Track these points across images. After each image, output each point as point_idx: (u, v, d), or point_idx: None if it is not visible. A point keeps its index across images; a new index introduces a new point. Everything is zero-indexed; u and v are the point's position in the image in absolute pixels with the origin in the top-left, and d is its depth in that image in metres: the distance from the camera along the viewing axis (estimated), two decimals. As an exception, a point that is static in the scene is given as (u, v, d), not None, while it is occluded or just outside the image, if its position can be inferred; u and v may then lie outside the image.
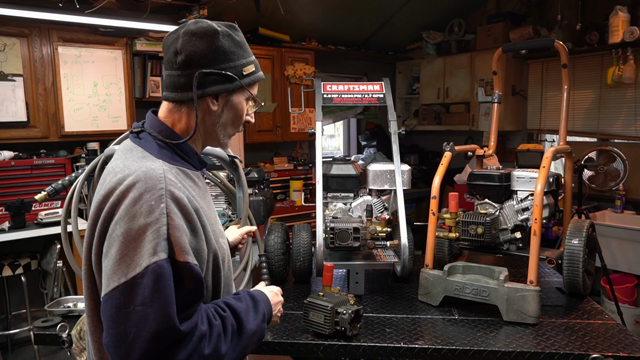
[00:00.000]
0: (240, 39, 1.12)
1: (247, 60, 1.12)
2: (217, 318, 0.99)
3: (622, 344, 1.56)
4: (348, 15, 5.02)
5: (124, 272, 0.87)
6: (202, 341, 0.92)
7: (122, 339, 0.85)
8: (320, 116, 2.21)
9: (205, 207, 1.07)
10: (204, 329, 0.93)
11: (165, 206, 0.92)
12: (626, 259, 3.84)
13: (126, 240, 0.89)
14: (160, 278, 0.87)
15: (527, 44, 2.49)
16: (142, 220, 0.90)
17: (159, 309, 0.86)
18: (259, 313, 1.09)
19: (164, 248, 0.89)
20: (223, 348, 0.96)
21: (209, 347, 0.92)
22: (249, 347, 1.05)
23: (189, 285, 0.91)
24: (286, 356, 1.68)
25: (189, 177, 1.07)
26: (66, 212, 1.93)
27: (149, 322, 0.85)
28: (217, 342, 0.95)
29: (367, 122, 6.11)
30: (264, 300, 1.14)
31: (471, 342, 1.58)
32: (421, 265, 1.99)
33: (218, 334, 0.96)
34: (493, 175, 2.11)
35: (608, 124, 4.52)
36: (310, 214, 4.65)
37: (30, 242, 3.33)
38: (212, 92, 1.07)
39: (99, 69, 3.71)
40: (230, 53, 1.09)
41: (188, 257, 0.92)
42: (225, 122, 1.13)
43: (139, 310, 0.85)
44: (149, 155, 1.03)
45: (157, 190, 0.93)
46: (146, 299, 0.86)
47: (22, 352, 3.67)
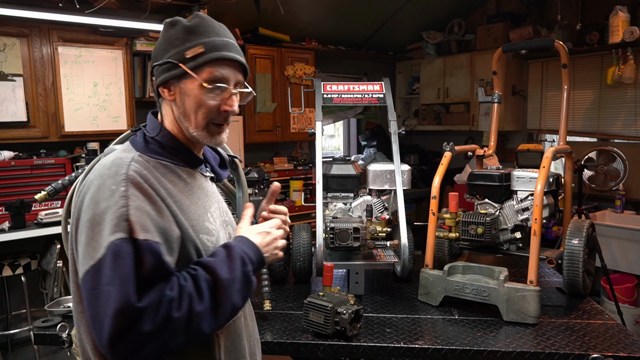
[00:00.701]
0: (193, 24, 1.08)
1: (194, 42, 1.06)
2: (187, 279, 0.96)
3: (622, 344, 1.56)
4: (348, 15, 5.02)
5: (92, 255, 0.91)
6: (170, 306, 0.91)
7: (95, 320, 0.88)
8: (320, 116, 2.21)
9: (187, 203, 1.06)
10: (171, 294, 0.92)
11: (125, 189, 0.95)
12: (626, 259, 3.84)
13: (92, 226, 0.94)
14: (117, 257, 0.89)
15: (527, 44, 2.49)
16: (103, 205, 0.94)
17: (118, 286, 0.87)
18: (234, 259, 1.02)
19: (123, 228, 0.91)
20: (198, 306, 0.94)
21: (179, 310, 0.92)
22: (234, 295, 1.00)
23: (149, 261, 0.92)
24: (286, 356, 1.68)
25: (171, 171, 1.08)
26: (66, 212, 1.93)
27: (111, 300, 0.87)
28: (189, 302, 0.93)
29: (367, 122, 6.11)
30: (244, 244, 1.07)
31: (471, 342, 1.58)
32: (421, 265, 1.99)
33: (189, 294, 0.94)
34: (493, 175, 2.11)
35: (608, 124, 4.52)
36: (310, 214, 4.65)
37: (30, 242, 3.32)
38: (160, 83, 1.09)
39: (99, 69, 3.71)
40: (175, 40, 1.08)
41: (147, 235, 0.92)
42: (186, 112, 1.08)
43: (104, 290, 0.88)
44: (130, 149, 1.07)
45: (118, 176, 0.97)
46: (109, 278, 0.88)
47: (22, 352, 3.67)
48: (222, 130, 1.13)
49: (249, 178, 2.32)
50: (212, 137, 1.11)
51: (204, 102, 1.07)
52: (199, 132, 1.10)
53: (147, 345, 0.89)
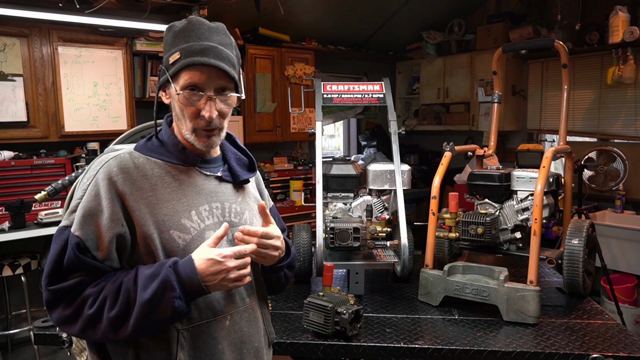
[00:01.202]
0: (179, 29, 1.09)
1: (176, 48, 1.08)
2: (115, 282, 1.03)
3: (622, 344, 1.56)
4: (348, 15, 5.02)
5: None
6: (86, 302, 1.01)
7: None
8: (320, 116, 2.21)
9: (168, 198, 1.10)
10: (89, 291, 1.02)
11: (88, 184, 1.08)
12: (626, 259, 3.84)
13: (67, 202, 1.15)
14: (55, 239, 1.05)
15: (527, 44, 2.49)
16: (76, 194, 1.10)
17: (46, 265, 1.05)
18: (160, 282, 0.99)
19: (70, 218, 1.06)
20: (110, 312, 1.00)
21: (92, 309, 1.00)
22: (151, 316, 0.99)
23: (68, 254, 1.02)
24: (286, 356, 1.68)
25: (160, 168, 1.13)
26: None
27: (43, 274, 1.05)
28: (102, 304, 1.01)
29: (367, 122, 6.11)
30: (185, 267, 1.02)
31: (471, 342, 1.58)
32: (421, 265, 1.99)
33: (104, 297, 1.01)
34: (493, 175, 2.11)
35: (608, 124, 4.52)
36: (310, 214, 4.65)
37: (30, 242, 3.32)
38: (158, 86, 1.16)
39: (99, 69, 3.71)
40: (166, 45, 1.13)
41: (78, 231, 1.03)
42: (177, 115, 1.13)
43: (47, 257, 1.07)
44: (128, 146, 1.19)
45: (92, 171, 1.10)
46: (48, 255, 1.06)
47: (22, 352, 3.67)
48: (212, 134, 1.12)
49: (249, 178, 2.32)
50: (200, 141, 1.12)
51: (184, 108, 1.09)
52: (189, 136, 1.12)
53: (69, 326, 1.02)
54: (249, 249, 1.08)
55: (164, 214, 1.07)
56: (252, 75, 4.53)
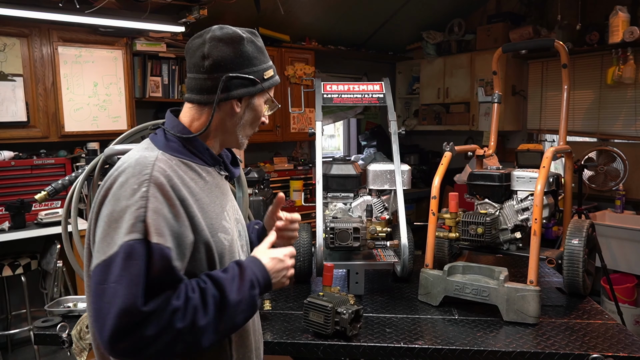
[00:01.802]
0: (261, 45, 1.17)
1: (267, 65, 1.17)
2: (195, 291, 0.98)
3: (622, 344, 1.56)
4: (348, 15, 5.02)
5: (104, 250, 0.94)
6: (175, 315, 0.93)
7: (98, 314, 0.91)
8: (320, 116, 2.21)
9: (207, 201, 1.09)
10: (177, 304, 0.94)
11: (146, 190, 0.97)
12: (626, 259, 3.84)
13: (109, 221, 0.96)
14: (129, 257, 0.91)
15: (527, 44, 2.49)
16: (123, 203, 0.96)
17: (126, 286, 0.89)
18: (245, 281, 1.04)
19: (139, 229, 0.93)
20: (202, 320, 0.96)
21: (183, 321, 0.94)
22: (238, 316, 1.03)
23: (158, 266, 0.93)
24: (286, 356, 1.68)
25: (192, 170, 1.10)
26: (66, 212, 1.93)
27: (117, 299, 0.89)
28: (193, 315, 0.95)
29: (367, 122, 6.11)
30: (256, 267, 1.09)
31: (471, 342, 1.58)
32: (421, 265, 1.99)
33: (194, 307, 0.96)
34: (493, 175, 2.11)
35: (608, 124, 4.52)
36: (310, 214, 4.65)
37: (30, 242, 3.32)
38: (237, 95, 1.12)
39: (99, 69, 3.71)
40: (254, 58, 1.14)
41: (160, 239, 0.94)
42: (245, 123, 1.18)
43: (111, 287, 0.90)
44: (152, 147, 1.09)
45: (142, 176, 0.99)
46: (117, 276, 0.90)
47: (22, 352, 3.67)
48: None
49: (249, 178, 2.32)
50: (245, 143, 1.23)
51: (260, 116, 1.20)
52: (244, 140, 1.21)
53: (146, 349, 0.91)
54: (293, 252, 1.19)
55: (210, 217, 1.09)
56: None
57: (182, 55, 4.15)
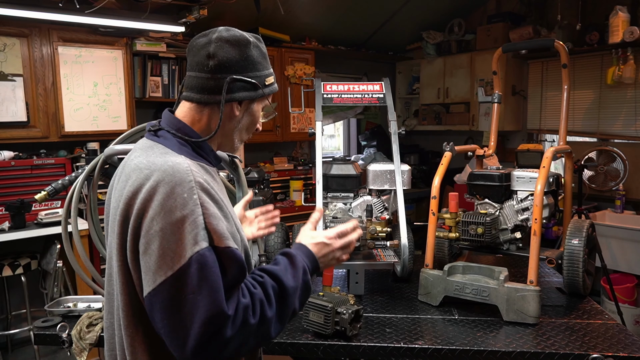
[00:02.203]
0: (265, 51, 1.18)
1: (269, 71, 1.18)
2: (256, 286, 1.01)
3: (622, 344, 1.56)
4: (348, 15, 5.02)
5: (169, 265, 0.91)
6: (247, 312, 0.95)
7: (178, 327, 0.90)
8: (320, 116, 2.21)
9: (226, 201, 1.11)
10: (245, 301, 0.96)
11: (197, 197, 0.96)
12: (626, 259, 3.84)
13: (166, 235, 0.92)
14: (204, 266, 0.91)
15: (527, 44, 2.49)
16: (178, 214, 0.93)
17: (207, 295, 0.90)
18: (297, 268, 1.08)
19: (204, 237, 0.93)
20: (269, 312, 0.99)
21: (254, 317, 0.96)
22: (296, 302, 1.06)
23: (232, 268, 0.95)
24: (286, 356, 1.68)
25: (207, 173, 1.10)
26: (66, 212, 1.93)
27: (200, 309, 0.89)
28: (261, 308, 0.98)
29: (367, 122, 6.11)
30: (304, 253, 1.13)
31: (471, 342, 1.58)
32: (421, 265, 1.99)
33: (260, 301, 0.98)
34: (493, 175, 2.11)
35: (608, 124, 4.52)
36: (310, 214, 4.62)
37: (30, 242, 3.32)
38: (239, 98, 1.11)
39: (99, 69, 3.71)
40: (258, 63, 1.14)
41: (228, 242, 0.96)
42: (242, 128, 1.18)
43: (190, 298, 0.90)
44: (170, 151, 1.05)
45: (187, 183, 0.96)
46: (195, 287, 0.90)
47: (22, 352, 3.67)
48: None
49: (249, 178, 2.32)
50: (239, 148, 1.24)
51: (256, 122, 1.20)
52: (238, 145, 1.21)
53: (225, 350, 0.92)
54: (350, 227, 1.21)
55: (234, 217, 1.11)
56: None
57: (183, 55, 4.15)
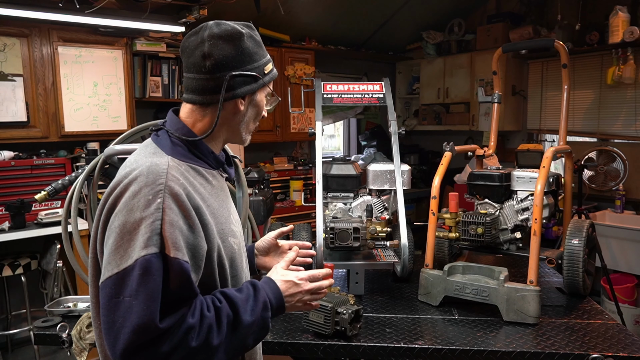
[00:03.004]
0: (259, 39, 1.15)
1: (267, 59, 1.15)
2: (210, 310, 0.97)
3: (622, 344, 1.56)
4: (348, 15, 5.02)
5: (117, 263, 0.90)
6: (190, 334, 0.91)
7: (111, 327, 0.88)
8: (320, 116, 2.21)
9: (216, 205, 1.08)
10: (192, 322, 0.92)
11: (161, 201, 0.93)
12: (626, 259, 3.84)
13: (122, 232, 0.92)
14: (147, 272, 0.88)
15: (527, 44, 2.49)
16: (137, 214, 0.92)
17: (143, 301, 0.87)
18: (258, 302, 1.03)
19: (156, 242, 0.90)
20: (215, 340, 0.94)
21: (197, 340, 0.92)
22: (249, 337, 1.02)
23: (176, 281, 0.91)
24: (286, 356, 1.68)
25: (200, 175, 1.08)
26: (66, 212, 1.93)
27: (132, 315, 0.87)
28: (207, 334, 0.94)
29: (367, 122, 6.11)
30: (270, 289, 1.07)
31: (471, 342, 1.58)
32: (421, 265, 1.99)
33: (209, 326, 0.94)
34: (493, 175, 2.11)
35: (608, 124, 4.52)
36: (310, 214, 4.65)
37: (30, 242, 3.32)
38: (241, 94, 1.09)
39: (99, 69, 3.71)
40: (254, 54, 1.11)
41: (178, 254, 0.92)
42: (248, 120, 1.16)
43: (126, 301, 0.88)
44: (159, 152, 1.04)
45: (156, 185, 0.95)
46: (133, 291, 0.88)
47: (22, 352, 3.67)
48: None
49: (249, 178, 2.33)
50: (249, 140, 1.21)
51: (262, 111, 1.18)
52: (247, 137, 1.19)
53: None
54: (321, 273, 1.14)
55: (221, 222, 1.07)
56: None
57: (182, 55, 4.15)
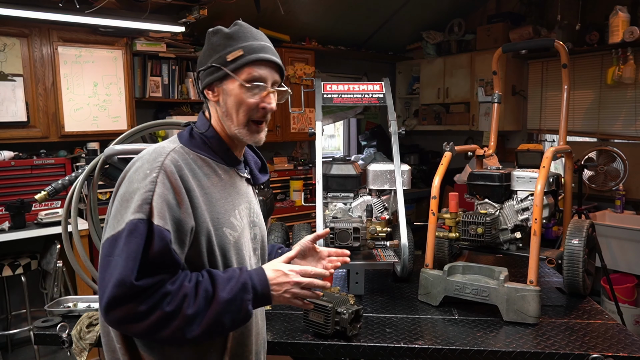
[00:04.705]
0: (233, 31, 1.17)
1: (232, 48, 1.15)
2: (191, 282, 1.03)
3: (622, 344, 1.56)
4: (348, 15, 5.02)
5: (114, 226, 1.02)
6: (166, 298, 0.99)
7: (101, 283, 0.98)
8: (320, 116, 2.21)
9: (217, 196, 1.15)
10: (170, 288, 1.00)
11: (156, 176, 1.05)
12: (626, 259, 3.84)
13: (121, 200, 1.05)
14: (131, 233, 0.98)
15: (527, 44, 2.49)
16: (135, 185, 1.05)
17: (125, 259, 0.97)
18: (238, 282, 1.06)
19: (144, 210, 1.01)
20: (188, 309, 1.00)
21: (171, 305, 0.99)
22: (225, 316, 1.04)
23: (156, 246, 0.99)
24: (286, 356, 1.68)
25: (208, 165, 1.17)
26: (66, 212, 1.93)
27: (116, 270, 0.96)
28: (181, 301, 1.00)
29: (367, 122, 6.11)
30: (257, 274, 1.11)
31: (471, 342, 1.58)
32: (421, 265, 1.99)
33: (184, 295, 1.01)
34: (493, 175, 2.11)
35: (608, 124, 4.52)
36: (310, 214, 4.65)
37: (30, 242, 3.32)
38: (205, 85, 1.18)
39: (99, 69, 3.71)
40: (218, 46, 1.17)
41: (161, 221, 1.00)
42: (228, 111, 1.17)
43: (114, 259, 0.98)
44: (175, 140, 1.17)
45: (155, 162, 1.07)
46: (120, 250, 0.98)
47: (22, 352, 3.67)
48: (261, 128, 1.21)
49: (249, 178, 2.32)
50: (251, 135, 1.19)
51: (244, 101, 1.15)
52: (240, 130, 1.17)
53: (136, 324, 0.97)
54: (314, 271, 1.15)
55: (217, 211, 1.13)
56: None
57: (183, 55, 4.16)
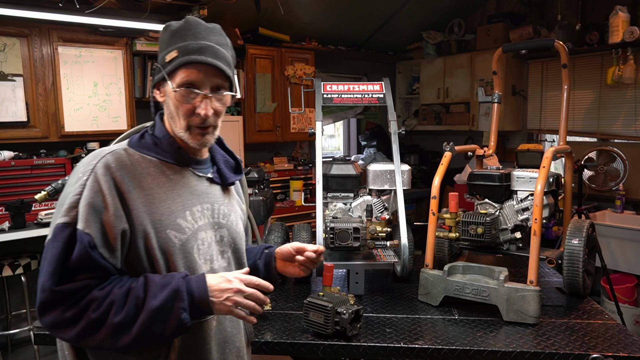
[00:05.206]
0: (177, 28, 1.12)
1: (172, 47, 1.09)
2: (122, 288, 1.00)
3: (622, 344, 1.56)
4: (348, 15, 5.02)
5: (50, 231, 1.03)
6: (91, 305, 0.97)
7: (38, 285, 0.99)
8: (320, 116, 2.21)
9: (162, 197, 1.09)
10: (96, 294, 0.98)
11: (86, 179, 1.03)
12: (626, 259, 3.84)
13: (57, 204, 1.06)
14: (55, 238, 1.00)
15: (527, 44, 2.48)
16: (68, 189, 1.05)
17: (47, 264, 0.98)
18: (171, 289, 1.00)
19: (71, 214, 1.00)
20: (116, 317, 0.97)
21: (97, 312, 0.97)
22: (156, 324, 0.99)
23: (77, 250, 0.98)
24: (286, 356, 1.68)
25: (155, 166, 1.12)
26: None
27: (41, 276, 0.99)
28: (108, 309, 0.98)
29: (367, 122, 6.10)
30: (196, 280, 1.03)
31: (471, 342, 1.58)
32: (421, 265, 1.99)
33: (111, 302, 0.98)
34: (493, 175, 2.11)
35: (608, 124, 4.52)
36: (310, 214, 4.65)
37: (30, 242, 3.32)
38: (152, 85, 1.17)
39: (99, 69, 3.71)
40: (162, 44, 1.14)
41: (82, 225, 0.99)
42: (172, 113, 1.13)
43: (42, 264, 1.00)
44: (123, 143, 1.15)
45: (88, 166, 1.06)
46: (45, 254, 1.00)
47: (22, 352, 3.67)
48: (206, 132, 1.14)
49: (249, 178, 2.32)
50: (194, 139, 1.13)
51: (179, 105, 1.10)
52: (183, 134, 1.13)
53: (68, 330, 0.97)
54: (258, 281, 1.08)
55: (160, 213, 1.08)
56: (252, 75, 4.53)
57: (182, 55, 4.15)
